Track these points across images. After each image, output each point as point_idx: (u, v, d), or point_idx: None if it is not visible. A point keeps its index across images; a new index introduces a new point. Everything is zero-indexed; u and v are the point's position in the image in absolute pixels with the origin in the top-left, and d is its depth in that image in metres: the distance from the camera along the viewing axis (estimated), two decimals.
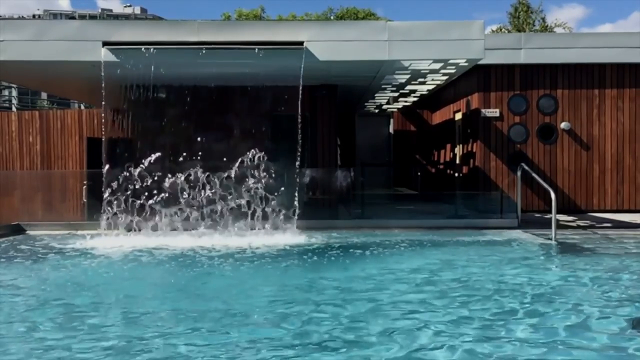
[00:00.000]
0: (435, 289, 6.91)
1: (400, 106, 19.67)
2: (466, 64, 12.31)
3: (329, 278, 7.46)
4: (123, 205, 10.79)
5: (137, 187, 10.86)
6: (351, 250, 9.56)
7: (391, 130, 20.83)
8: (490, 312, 5.78)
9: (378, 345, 4.80)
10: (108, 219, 10.79)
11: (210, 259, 8.82)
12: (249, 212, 10.96)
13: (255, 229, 10.86)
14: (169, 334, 5.17)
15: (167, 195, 10.91)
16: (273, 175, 11.16)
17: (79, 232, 11.48)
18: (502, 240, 10.54)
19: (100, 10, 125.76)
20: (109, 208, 10.78)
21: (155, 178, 10.95)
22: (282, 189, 11.14)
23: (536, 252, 9.45)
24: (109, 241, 10.27)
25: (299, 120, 11.48)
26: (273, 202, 11.00)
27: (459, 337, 4.99)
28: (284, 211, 10.95)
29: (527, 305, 6.06)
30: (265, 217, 10.98)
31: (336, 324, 5.39)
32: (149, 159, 11.15)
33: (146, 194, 10.86)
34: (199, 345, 4.86)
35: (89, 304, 6.26)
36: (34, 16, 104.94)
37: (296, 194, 11.13)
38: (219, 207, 10.95)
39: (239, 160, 11.24)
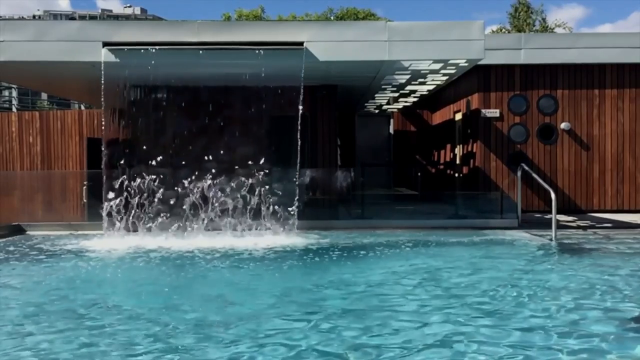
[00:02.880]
0: (439, 290, 6.90)
1: (400, 106, 19.67)
2: (466, 64, 12.31)
3: (331, 279, 7.46)
4: (124, 206, 10.79)
5: (138, 187, 10.87)
6: (351, 251, 9.56)
7: (391, 130, 20.83)
8: (493, 312, 5.78)
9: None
10: (109, 219, 10.80)
11: (210, 261, 8.82)
12: (250, 213, 10.96)
13: (255, 230, 10.86)
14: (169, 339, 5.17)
15: (168, 195, 10.92)
16: (273, 175, 11.16)
17: (79, 233, 11.48)
18: (503, 240, 10.53)
19: (100, 11, 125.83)
20: (110, 209, 10.78)
21: (156, 178, 10.95)
22: (282, 189, 11.14)
23: (537, 252, 9.44)
24: (111, 242, 10.27)
25: (299, 121, 11.48)
26: (273, 203, 11.00)
27: (469, 338, 5.00)
28: (284, 212, 10.95)
29: (530, 306, 6.05)
30: (265, 217, 10.97)
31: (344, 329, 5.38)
32: (150, 159, 11.17)
33: (147, 194, 10.86)
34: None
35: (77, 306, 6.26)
36: (34, 17, 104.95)
37: (296, 195, 11.13)
38: (219, 208, 10.95)
39: (239, 161, 11.25)
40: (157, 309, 6.02)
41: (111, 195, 10.77)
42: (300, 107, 11.37)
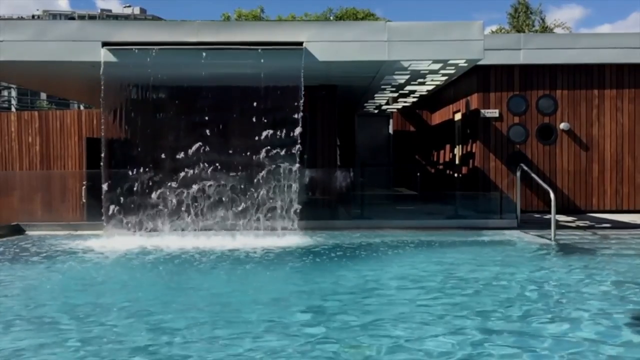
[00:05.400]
0: (438, 290, 6.91)
1: (399, 106, 19.67)
2: (465, 65, 12.31)
3: (332, 280, 7.46)
4: (124, 206, 10.80)
5: (138, 187, 10.87)
6: (352, 251, 9.56)
7: (391, 130, 20.83)
8: (494, 313, 5.77)
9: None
10: (110, 219, 10.81)
11: (209, 261, 8.81)
12: (250, 213, 10.96)
13: (255, 230, 10.85)
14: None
15: (168, 196, 10.92)
16: (272, 175, 11.16)
17: (78, 232, 11.48)
18: (502, 240, 10.53)
19: (99, 11, 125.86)
20: (110, 208, 10.79)
21: (156, 178, 10.96)
22: (282, 189, 11.13)
23: (536, 252, 9.44)
24: (112, 242, 10.27)
25: (299, 121, 11.48)
26: (273, 203, 11.00)
27: (467, 337, 5.00)
28: (284, 212, 10.95)
29: (530, 306, 6.06)
30: (265, 217, 10.97)
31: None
32: (149, 159, 11.16)
33: (147, 194, 10.87)
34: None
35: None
36: (33, 17, 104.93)
37: (296, 195, 11.13)
38: (220, 208, 10.95)
39: (239, 160, 11.24)
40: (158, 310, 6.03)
41: (116, 194, 10.79)
42: (300, 107, 11.37)
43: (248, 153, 11.82)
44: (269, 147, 12.75)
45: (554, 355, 4.57)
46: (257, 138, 12.30)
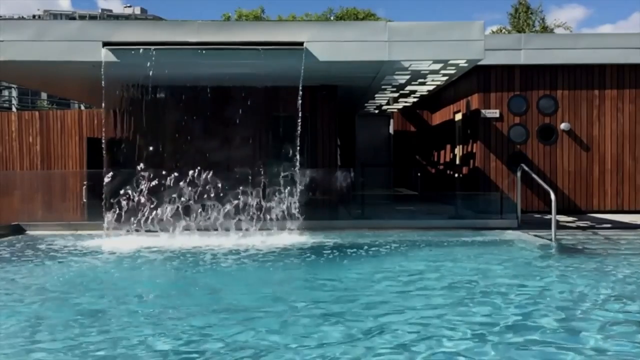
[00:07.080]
0: (440, 290, 6.91)
1: (400, 107, 19.67)
2: (466, 65, 12.31)
3: (331, 278, 7.46)
4: (125, 206, 10.80)
5: (138, 187, 10.88)
6: (353, 250, 9.56)
7: (391, 130, 20.83)
8: (498, 312, 5.78)
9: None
10: (110, 219, 10.82)
11: (209, 260, 8.82)
12: (251, 213, 10.96)
13: (257, 230, 10.86)
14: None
15: (167, 195, 10.92)
16: (273, 175, 11.16)
17: (79, 232, 11.48)
18: (502, 240, 10.54)
19: (100, 11, 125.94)
20: (111, 208, 10.80)
21: (156, 178, 10.96)
22: (283, 189, 11.14)
23: (536, 252, 9.45)
24: (113, 242, 10.28)
25: (299, 121, 11.49)
26: (274, 203, 11.00)
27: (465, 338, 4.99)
28: (285, 212, 10.95)
29: (529, 306, 6.05)
30: (266, 217, 10.98)
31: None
32: (150, 159, 11.16)
33: (148, 194, 10.87)
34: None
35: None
36: (34, 16, 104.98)
37: (297, 195, 11.14)
38: (220, 208, 10.95)
39: (240, 160, 11.25)
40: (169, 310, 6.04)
41: (117, 194, 10.80)
42: (300, 107, 11.37)
43: (249, 152, 11.83)
44: (269, 147, 12.77)
45: (564, 355, 4.58)
46: (258, 137, 12.32)
